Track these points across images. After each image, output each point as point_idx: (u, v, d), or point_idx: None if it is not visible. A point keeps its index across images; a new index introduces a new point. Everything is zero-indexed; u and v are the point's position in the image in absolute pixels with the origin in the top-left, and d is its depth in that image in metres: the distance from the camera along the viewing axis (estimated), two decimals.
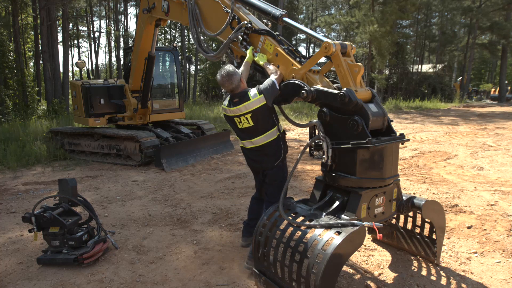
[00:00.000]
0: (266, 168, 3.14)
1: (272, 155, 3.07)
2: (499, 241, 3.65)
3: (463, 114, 18.64)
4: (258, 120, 2.95)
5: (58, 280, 3.04)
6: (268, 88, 2.87)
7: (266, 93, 2.86)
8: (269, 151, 3.05)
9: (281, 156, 3.07)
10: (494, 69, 47.67)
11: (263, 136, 3.00)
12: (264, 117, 2.95)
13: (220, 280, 3.01)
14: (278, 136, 3.03)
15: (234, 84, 2.95)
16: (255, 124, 2.96)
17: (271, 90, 2.87)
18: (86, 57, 47.98)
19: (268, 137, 3.00)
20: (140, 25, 6.48)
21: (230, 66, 3.01)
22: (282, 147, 3.07)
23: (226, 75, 2.93)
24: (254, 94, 2.89)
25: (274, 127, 3.01)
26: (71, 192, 3.52)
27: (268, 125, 2.98)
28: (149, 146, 6.97)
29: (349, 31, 31.67)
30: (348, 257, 2.35)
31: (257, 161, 3.16)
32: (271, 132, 3.00)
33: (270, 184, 3.18)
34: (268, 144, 3.02)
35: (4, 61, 16.51)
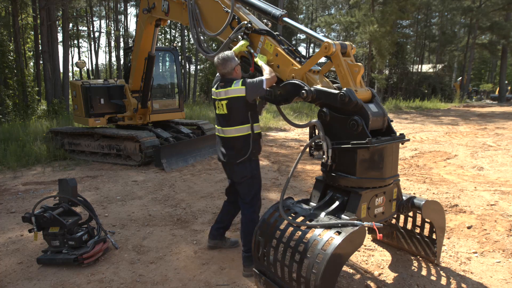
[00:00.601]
0: (229, 162, 3.09)
1: (238, 151, 3.02)
2: (499, 241, 3.65)
3: (463, 114, 18.65)
4: (232, 110, 2.96)
5: (58, 280, 3.04)
6: (253, 83, 2.87)
7: (249, 87, 2.86)
8: (236, 146, 3.03)
9: (247, 155, 3.00)
10: (494, 69, 47.65)
11: (233, 128, 3.00)
12: (239, 109, 2.95)
13: (220, 280, 3.01)
14: (249, 134, 2.99)
15: (226, 69, 3.00)
16: (228, 112, 2.98)
17: (255, 87, 2.86)
18: (86, 57, 48.02)
19: (238, 131, 2.99)
20: (140, 25, 6.47)
21: (229, 52, 3.04)
22: (251, 146, 3.00)
23: (222, 59, 2.99)
24: (238, 83, 2.92)
25: (246, 124, 2.98)
26: (71, 192, 3.51)
27: (240, 118, 2.97)
28: (149, 146, 6.97)
29: (349, 31, 31.68)
30: (348, 257, 2.35)
31: (224, 154, 3.11)
32: (242, 127, 2.98)
33: (238, 182, 3.15)
34: (236, 138, 3.01)
35: (4, 61, 16.51)
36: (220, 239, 3.54)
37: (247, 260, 3.05)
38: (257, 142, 3.07)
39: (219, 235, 3.52)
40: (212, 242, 3.53)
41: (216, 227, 3.50)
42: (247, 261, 3.05)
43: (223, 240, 3.56)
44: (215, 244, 3.54)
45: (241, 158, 3.01)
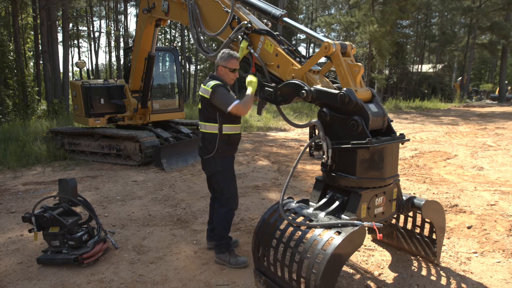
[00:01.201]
0: (200, 154, 3.25)
1: (204, 147, 3.16)
2: (499, 241, 3.65)
3: (463, 114, 18.65)
4: (202, 107, 3.12)
5: (58, 280, 3.04)
6: (222, 96, 2.97)
7: (216, 95, 2.96)
8: (204, 141, 3.16)
9: (212, 153, 3.11)
10: (494, 69, 47.66)
11: (203, 123, 3.15)
12: (207, 108, 3.07)
13: (220, 280, 3.01)
14: (216, 134, 3.08)
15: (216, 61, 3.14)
16: (201, 108, 3.14)
17: (221, 101, 2.96)
18: (86, 57, 48.05)
19: (207, 128, 3.12)
20: (140, 25, 6.47)
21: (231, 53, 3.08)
22: (217, 145, 3.08)
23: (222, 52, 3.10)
24: (209, 84, 3.01)
25: (214, 123, 3.07)
26: (71, 192, 3.51)
27: (208, 116, 3.09)
28: (149, 146, 6.97)
29: (349, 31, 31.69)
30: (348, 257, 2.35)
31: (199, 145, 3.27)
32: (210, 125, 3.09)
33: (206, 174, 3.29)
34: (204, 134, 3.14)
35: (4, 61, 16.52)
36: None
37: (215, 247, 3.29)
38: (225, 143, 3.11)
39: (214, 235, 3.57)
40: (211, 243, 3.53)
41: (210, 229, 3.53)
42: (216, 248, 3.29)
43: None
44: (213, 245, 3.53)
45: (207, 155, 3.15)
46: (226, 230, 3.27)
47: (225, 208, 3.24)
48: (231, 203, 3.27)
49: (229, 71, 3.10)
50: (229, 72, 3.11)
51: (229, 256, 3.23)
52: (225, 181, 3.21)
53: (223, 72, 3.12)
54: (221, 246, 3.25)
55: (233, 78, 3.17)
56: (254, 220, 4.31)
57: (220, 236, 3.25)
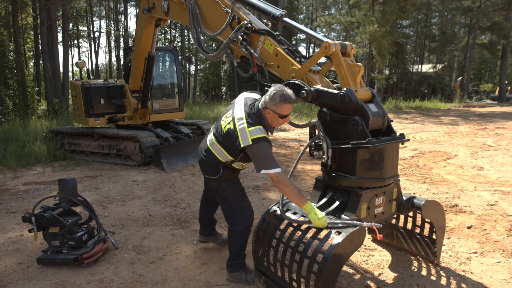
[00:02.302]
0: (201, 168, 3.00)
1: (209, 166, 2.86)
2: (499, 241, 3.65)
3: (463, 114, 18.64)
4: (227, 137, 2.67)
5: (58, 280, 3.04)
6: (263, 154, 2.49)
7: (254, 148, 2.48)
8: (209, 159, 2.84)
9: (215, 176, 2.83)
10: (494, 69, 47.64)
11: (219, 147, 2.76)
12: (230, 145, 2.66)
13: (220, 280, 3.01)
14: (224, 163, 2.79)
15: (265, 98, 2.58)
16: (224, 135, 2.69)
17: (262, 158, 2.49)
18: (86, 57, 48.02)
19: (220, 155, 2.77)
20: (140, 25, 6.47)
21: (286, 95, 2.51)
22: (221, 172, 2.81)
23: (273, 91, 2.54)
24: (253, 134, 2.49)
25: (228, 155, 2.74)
26: (71, 192, 3.51)
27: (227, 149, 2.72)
28: (149, 146, 6.97)
29: (349, 31, 31.69)
30: (348, 257, 2.35)
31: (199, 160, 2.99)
32: (223, 153, 2.75)
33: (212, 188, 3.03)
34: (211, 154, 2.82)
35: (4, 61, 16.51)
36: (211, 235, 3.53)
37: (227, 266, 3.00)
38: (230, 171, 2.86)
39: (208, 232, 3.51)
40: (203, 238, 3.52)
41: (203, 226, 3.50)
42: (227, 267, 3.00)
43: (214, 236, 3.55)
44: (206, 240, 3.54)
45: (209, 176, 2.90)
46: (242, 249, 2.94)
47: (240, 227, 2.86)
48: (246, 220, 2.88)
49: (278, 117, 2.57)
50: (279, 119, 2.59)
51: (244, 274, 2.94)
52: (233, 195, 2.90)
53: (271, 116, 2.59)
54: (236, 265, 2.96)
55: (281, 123, 2.67)
56: (254, 220, 4.31)
57: (234, 255, 2.95)
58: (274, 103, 2.52)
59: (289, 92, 2.52)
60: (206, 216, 3.46)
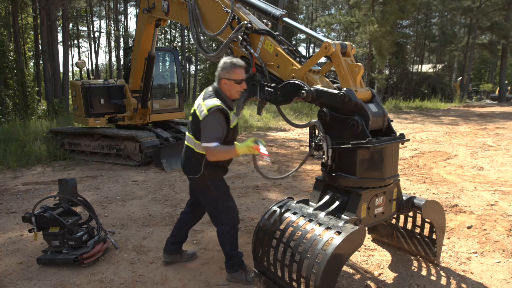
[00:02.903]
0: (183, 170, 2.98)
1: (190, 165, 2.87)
2: (499, 241, 3.65)
3: (463, 114, 18.64)
4: (192, 123, 2.80)
5: (58, 280, 3.04)
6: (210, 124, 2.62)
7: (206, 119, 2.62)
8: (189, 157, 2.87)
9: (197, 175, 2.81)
10: (494, 69, 47.65)
11: (191, 138, 2.82)
12: (197, 126, 2.74)
13: (220, 280, 3.01)
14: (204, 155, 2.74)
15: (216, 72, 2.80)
16: (191, 122, 2.83)
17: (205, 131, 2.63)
18: (86, 57, 47.99)
19: (196, 147, 2.79)
20: (140, 25, 6.47)
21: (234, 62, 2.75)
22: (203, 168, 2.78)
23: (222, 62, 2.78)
24: (208, 103, 2.65)
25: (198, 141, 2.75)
26: (71, 192, 3.52)
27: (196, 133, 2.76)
28: (149, 146, 6.97)
29: (349, 31, 31.70)
30: (348, 257, 2.35)
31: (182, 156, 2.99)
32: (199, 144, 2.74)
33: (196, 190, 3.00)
34: (190, 150, 2.86)
35: (4, 61, 16.51)
36: (176, 253, 3.28)
37: (227, 267, 3.01)
38: (213, 166, 2.79)
39: (175, 250, 3.26)
40: (169, 257, 3.26)
41: (172, 241, 3.25)
42: (227, 268, 3.02)
43: (180, 254, 3.31)
44: (172, 259, 3.28)
45: (191, 175, 2.88)
46: (234, 249, 2.97)
47: (225, 227, 2.89)
48: (230, 220, 2.90)
49: (234, 83, 2.73)
50: (235, 84, 2.74)
51: (244, 274, 2.95)
52: (218, 195, 2.89)
53: (227, 85, 2.75)
54: (234, 265, 2.96)
55: (239, 90, 2.80)
56: (254, 220, 4.31)
57: (230, 256, 2.96)
58: (227, 71, 2.72)
59: (236, 59, 2.77)
60: (182, 229, 3.26)
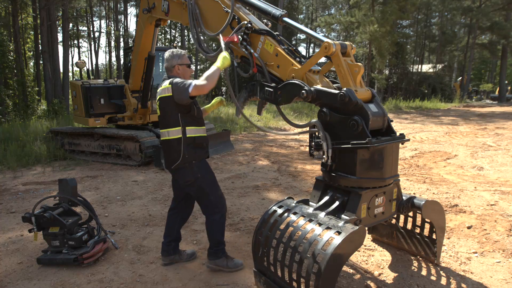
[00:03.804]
0: (167, 166, 3.04)
1: (169, 155, 2.95)
2: (499, 241, 3.65)
3: (463, 114, 18.64)
4: (163, 111, 2.94)
5: (58, 280, 3.04)
6: (178, 84, 2.81)
7: (174, 87, 2.82)
8: (169, 150, 2.94)
9: (178, 160, 2.88)
10: (494, 69, 47.66)
11: (165, 130, 2.94)
12: (168, 110, 2.89)
13: (220, 280, 3.01)
14: (179, 138, 2.87)
15: (167, 63, 3.02)
16: (161, 113, 2.96)
17: (179, 89, 2.79)
18: (86, 57, 48.03)
19: (170, 134, 2.91)
20: (140, 25, 6.47)
21: (180, 50, 3.06)
22: (182, 152, 2.86)
23: (169, 53, 3.02)
24: (166, 82, 2.90)
25: (177, 127, 2.88)
26: (71, 192, 3.51)
27: (171, 121, 2.89)
28: (149, 146, 6.97)
29: (349, 31, 31.70)
30: (348, 257, 2.35)
31: (164, 156, 3.07)
32: (173, 130, 2.89)
33: (184, 186, 3.04)
34: (167, 142, 2.93)
35: (4, 61, 16.50)
36: (174, 254, 3.28)
37: (209, 254, 3.14)
38: (191, 147, 2.90)
39: (172, 250, 3.27)
40: (167, 259, 3.27)
41: (167, 242, 3.26)
42: (209, 255, 3.14)
43: (178, 254, 3.31)
44: (171, 260, 3.28)
45: (174, 164, 2.92)
46: (223, 236, 3.12)
47: (218, 215, 3.03)
48: (221, 208, 3.05)
49: (186, 67, 3.05)
50: (187, 68, 3.06)
51: (226, 260, 3.11)
52: (209, 186, 3.01)
53: (181, 70, 3.03)
54: (218, 252, 3.10)
55: (190, 74, 3.10)
56: (254, 220, 4.31)
57: (217, 243, 3.08)
58: (179, 57, 3.01)
59: None
60: (173, 228, 3.27)
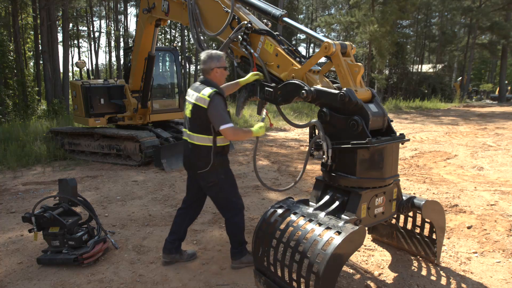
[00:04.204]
0: (191, 168, 3.06)
1: (197, 161, 2.95)
2: (499, 241, 3.65)
3: (463, 114, 18.64)
4: (195, 116, 2.89)
5: (58, 280, 3.04)
6: (217, 113, 2.77)
7: (213, 110, 2.76)
8: (195, 154, 2.95)
9: (207, 167, 2.90)
10: (494, 69, 47.64)
11: (194, 135, 2.94)
12: (201, 118, 2.85)
13: (220, 280, 3.01)
14: (210, 147, 2.89)
15: (205, 65, 2.93)
16: (192, 117, 2.92)
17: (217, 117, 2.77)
18: (86, 57, 48.00)
19: (199, 140, 2.91)
20: (140, 25, 6.47)
21: (218, 52, 2.98)
22: (212, 160, 2.89)
23: (206, 54, 2.93)
24: (207, 92, 2.80)
25: (208, 135, 2.88)
26: (71, 192, 3.51)
27: (202, 128, 2.88)
28: (149, 146, 6.97)
29: (349, 31, 31.72)
30: (348, 257, 2.35)
31: (186, 156, 3.08)
32: (203, 137, 2.89)
33: (205, 188, 3.06)
34: (196, 146, 2.93)
35: (4, 61, 16.50)
36: (176, 253, 3.27)
37: (234, 255, 3.17)
38: (220, 155, 2.95)
39: (174, 249, 3.25)
40: (168, 257, 3.25)
41: (171, 240, 3.23)
42: (234, 255, 3.17)
43: (179, 253, 3.30)
44: (171, 259, 3.26)
45: (202, 170, 2.94)
46: (244, 234, 3.18)
47: (238, 217, 3.09)
48: (241, 209, 3.13)
49: (224, 70, 2.98)
50: (224, 71, 2.99)
51: (251, 256, 3.07)
52: (230, 188, 3.06)
53: (218, 73, 2.95)
54: (242, 250, 3.16)
55: (226, 76, 3.06)
56: (254, 220, 4.31)
57: (240, 242, 3.15)
58: (217, 59, 2.92)
59: None
60: (181, 226, 3.26)
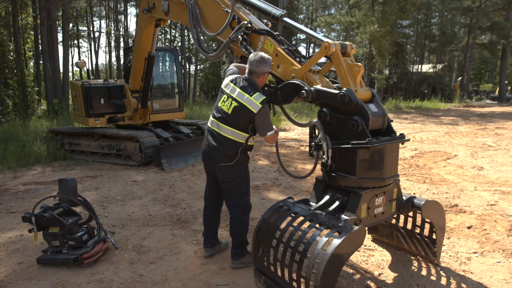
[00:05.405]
0: (213, 158, 3.02)
1: (225, 154, 2.96)
2: (499, 241, 3.65)
3: (463, 114, 18.63)
4: (236, 115, 2.89)
5: (58, 280, 3.04)
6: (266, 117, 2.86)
7: (261, 112, 2.82)
8: (225, 147, 2.95)
9: (232, 162, 2.95)
10: (494, 69, 47.62)
11: (229, 129, 2.93)
12: (243, 118, 2.89)
13: (220, 280, 3.01)
14: (241, 143, 2.95)
15: (258, 69, 2.86)
16: (232, 114, 2.91)
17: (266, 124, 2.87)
18: (86, 57, 47.98)
19: (233, 135, 2.93)
20: (140, 25, 6.48)
21: (269, 57, 2.91)
22: (239, 155, 2.96)
23: (260, 57, 2.85)
24: (258, 98, 2.82)
25: (244, 133, 2.92)
26: (71, 192, 3.51)
27: (241, 126, 2.91)
28: (149, 146, 6.97)
29: (349, 31, 31.70)
30: (348, 257, 2.35)
31: (211, 146, 3.02)
32: (239, 133, 2.92)
33: (222, 181, 3.06)
34: (228, 140, 2.94)
35: (4, 61, 16.51)
36: (215, 244, 3.44)
37: (235, 255, 3.18)
38: (246, 153, 3.05)
39: (216, 240, 3.43)
40: (212, 249, 3.41)
41: (211, 235, 3.39)
42: (235, 256, 3.18)
43: (217, 244, 3.47)
44: (214, 251, 3.43)
45: (226, 163, 2.97)
46: (246, 236, 3.23)
47: (247, 216, 3.17)
48: (250, 209, 3.21)
49: (268, 74, 2.97)
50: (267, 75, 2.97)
51: (250, 256, 3.15)
52: (246, 186, 3.12)
53: (265, 78, 2.95)
54: (243, 250, 3.20)
55: None
56: (254, 220, 4.31)
57: (243, 243, 3.18)
58: (267, 64, 2.88)
59: None
60: (216, 220, 3.37)
